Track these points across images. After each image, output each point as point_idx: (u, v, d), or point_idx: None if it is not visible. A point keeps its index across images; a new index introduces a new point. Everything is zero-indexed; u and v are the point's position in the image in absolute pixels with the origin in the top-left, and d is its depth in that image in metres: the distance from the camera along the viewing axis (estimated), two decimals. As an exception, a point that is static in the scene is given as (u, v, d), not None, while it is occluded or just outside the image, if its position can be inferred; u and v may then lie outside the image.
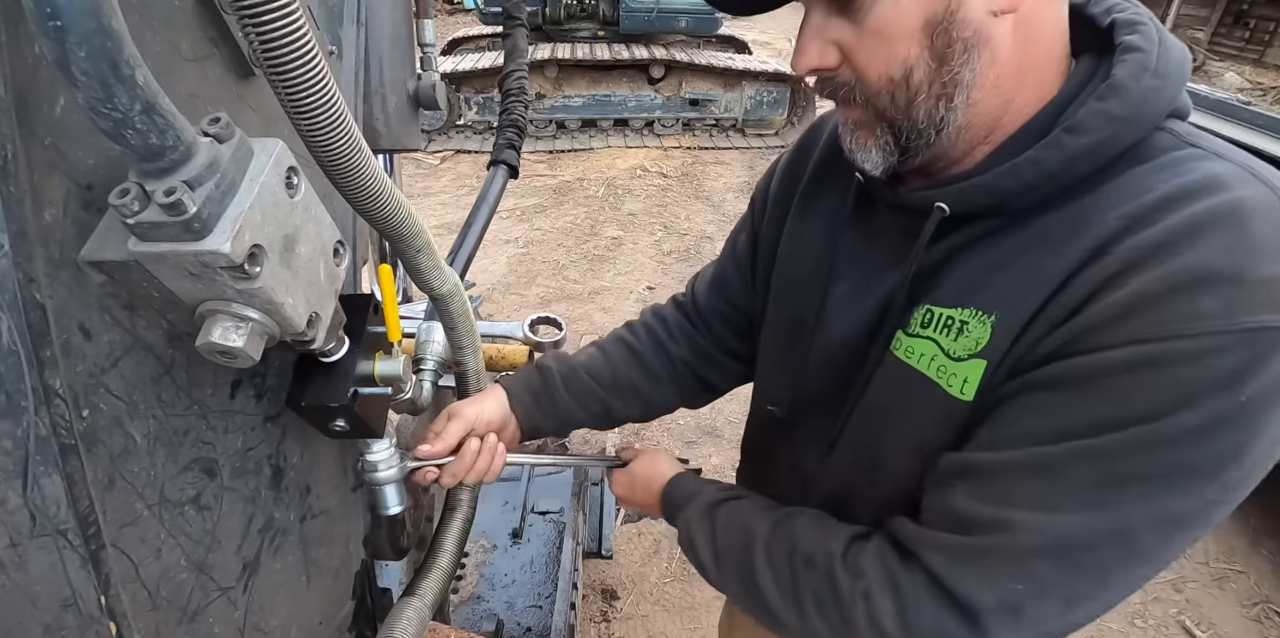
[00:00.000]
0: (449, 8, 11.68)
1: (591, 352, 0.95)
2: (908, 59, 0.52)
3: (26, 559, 0.36)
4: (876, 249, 0.68)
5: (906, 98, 0.54)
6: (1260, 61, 10.11)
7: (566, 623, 1.55)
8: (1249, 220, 0.46)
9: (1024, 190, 0.54)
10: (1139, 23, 0.54)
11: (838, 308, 0.71)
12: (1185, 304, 0.46)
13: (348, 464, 0.76)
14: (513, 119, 1.20)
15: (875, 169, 0.60)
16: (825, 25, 0.55)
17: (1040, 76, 0.55)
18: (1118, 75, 0.52)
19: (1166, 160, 0.52)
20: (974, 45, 0.51)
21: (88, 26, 0.29)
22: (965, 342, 0.57)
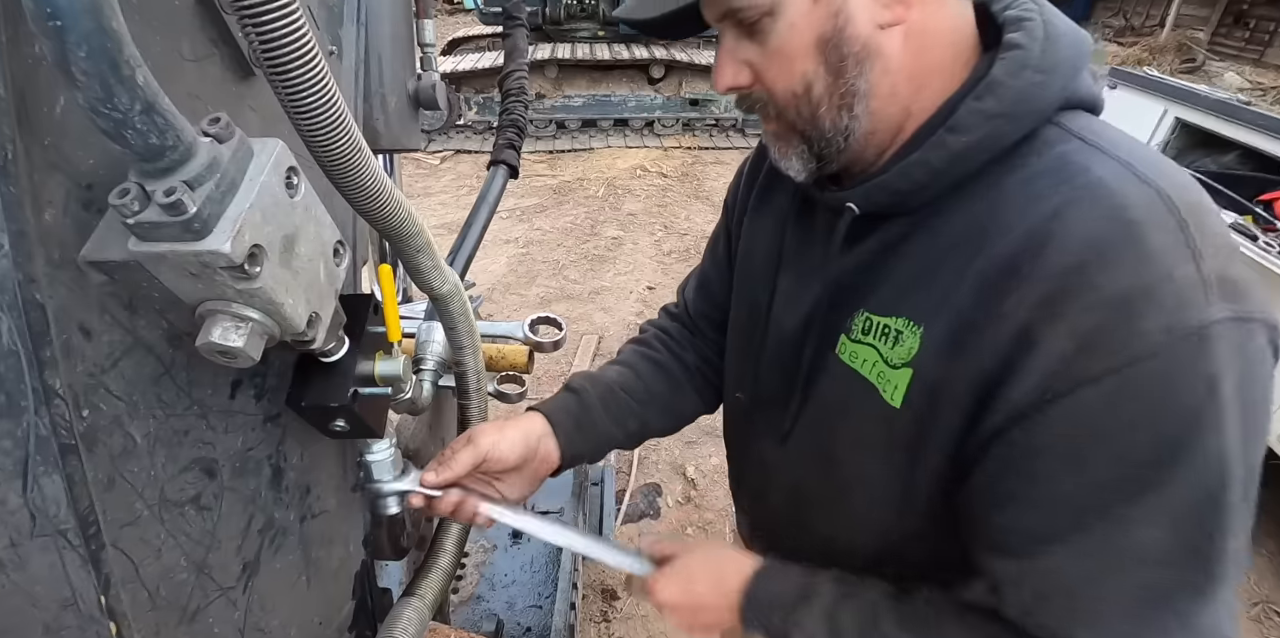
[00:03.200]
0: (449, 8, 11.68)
1: (619, 369, 0.93)
2: (806, 74, 0.56)
3: (26, 559, 0.36)
4: (811, 248, 0.71)
5: (810, 110, 0.58)
6: (1260, 61, 10.11)
7: (566, 623, 1.55)
8: (1143, 231, 0.48)
9: (917, 189, 0.57)
10: (1025, 18, 0.56)
11: (783, 303, 0.74)
12: (1124, 330, 0.47)
13: (348, 464, 0.76)
14: (513, 119, 1.19)
15: (799, 176, 0.64)
16: (737, 47, 0.59)
17: (939, 79, 0.57)
18: (995, 73, 0.54)
19: (1053, 157, 0.53)
20: (864, 58, 0.55)
21: (88, 26, 0.29)
22: (900, 350, 0.60)
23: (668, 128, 6.72)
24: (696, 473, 2.75)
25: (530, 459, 0.81)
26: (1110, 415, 0.48)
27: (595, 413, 0.86)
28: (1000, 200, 0.54)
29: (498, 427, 0.80)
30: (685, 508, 2.59)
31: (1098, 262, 0.48)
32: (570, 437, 0.84)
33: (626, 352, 0.97)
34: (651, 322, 1.02)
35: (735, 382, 0.86)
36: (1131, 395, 0.47)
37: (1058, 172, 0.52)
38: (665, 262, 4.50)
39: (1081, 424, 0.49)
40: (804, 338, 0.70)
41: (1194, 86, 3.45)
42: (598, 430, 0.86)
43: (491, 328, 1.06)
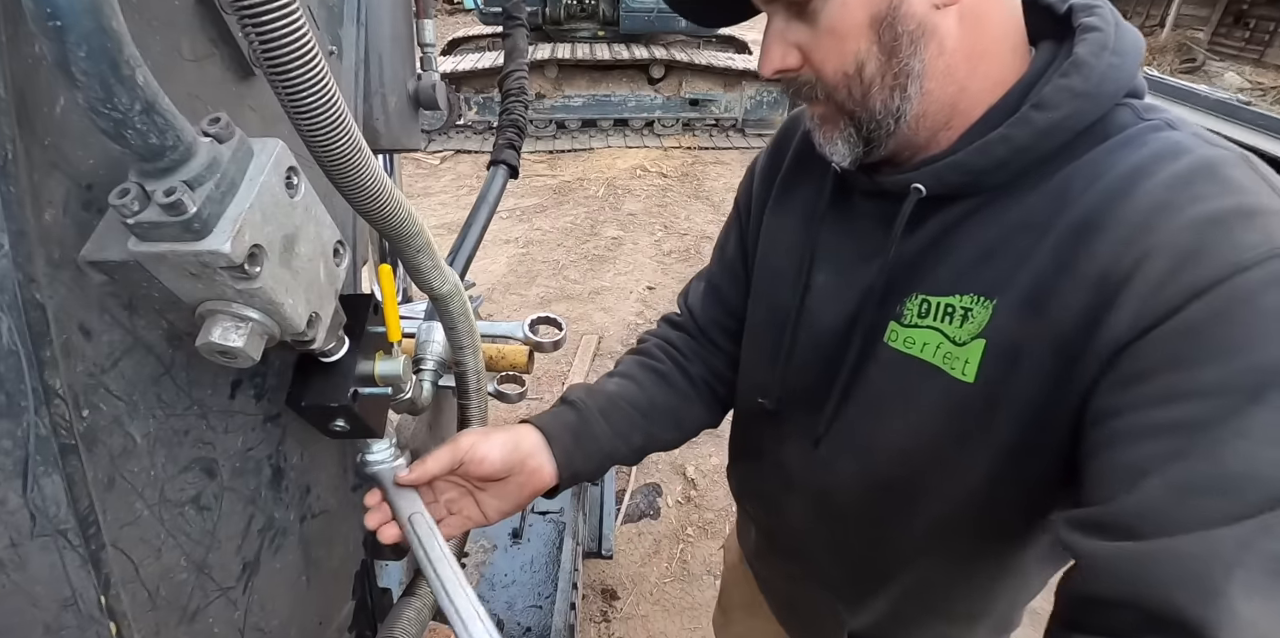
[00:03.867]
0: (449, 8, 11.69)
1: (619, 381, 0.87)
2: (858, 54, 0.56)
3: (26, 559, 0.36)
4: (855, 239, 0.69)
5: (861, 90, 0.57)
6: (1260, 61, 10.11)
7: (566, 623, 1.55)
8: (1224, 169, 0.48)
9: (996, 167, 0.56)
10: (1095, 6, 0.57)
11: (821, 300, 0.72)
12: (1224, 244, 0.45)
13: (348, 464, 0.76)
14: (513, 119, 1.19)
15: (844, 160, 0.63)
16: (786, 29, 0.59)
17: (994, 63, 0.57)
18: (1080, 53, 0.54)
19: (1128, 135, 0.54)
20: (919, 37, 0.54)
21: (88, 26, 0.29)
22: (970, 327, 0.58)
23: (668, 128, 6.72)
24: (696, 473, 2.75)
25: (516, 471, 0.74)
26: (1223, 326, 0.44)
27: (596, 426, 0.80)
28: (1076, 174, 0.54)
29: (483, 431, 0.75)
30: (685, 508, 2.59)
31: (1185, 194, 0.47)
32: (569, 452, 0.77)
33: (626, 362, 0.91)
34: (651, 332, 0.96)
35: (757, 388, 0.82)
36: (1244, 303, 0.43)
37: (1134, 142, 0.53)
38: (665, 262, 4.50)
39: (1192, 340, 0.45)
40: (849, 333, 0.68)
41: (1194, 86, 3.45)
42: (599, 445, 0.80)
43: (491, 328, 1.06)
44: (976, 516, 0.66)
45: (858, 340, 0.67)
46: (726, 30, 7.16)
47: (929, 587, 0.76)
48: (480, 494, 0.75)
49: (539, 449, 0.76)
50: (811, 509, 0.80)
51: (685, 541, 2.45)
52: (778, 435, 0.82)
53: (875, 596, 0.80)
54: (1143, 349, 0.47)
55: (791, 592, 0.96)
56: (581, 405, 0.82)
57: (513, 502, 0.76)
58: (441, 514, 0.74)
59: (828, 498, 0.76)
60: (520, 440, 0.75)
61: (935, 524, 0.69)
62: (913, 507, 0.69)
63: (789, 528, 0.87)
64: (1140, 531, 0.45)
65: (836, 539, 0.80)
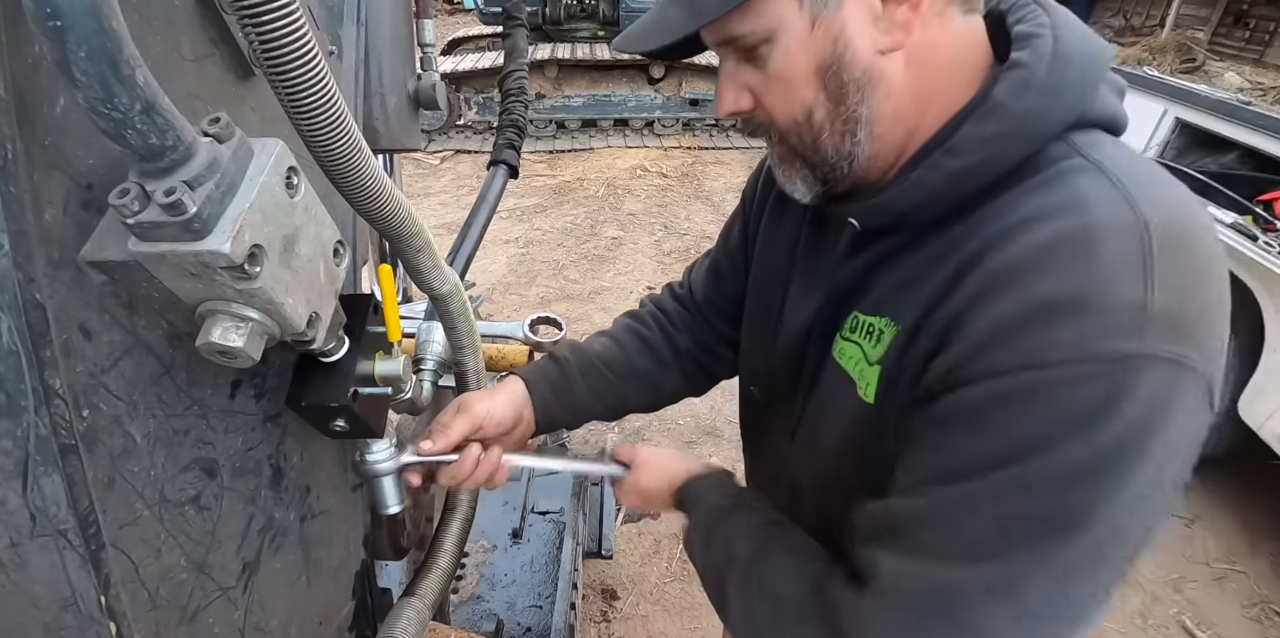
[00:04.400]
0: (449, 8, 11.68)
1: (605, 341, 0.95)
2: (806, 101, 0.56)
3: (26, 559, 0.36)
4: (821, 256, 0.72)
5: (812, 136, 0.58)
6: (1260, 61, 10.11)
7: (566, 623, 1.55)
8: (1099, 244, 0.46)
9: (915, 208, 0.57)
10: (1034, 35, 0.54)
11: (792, 307, 0.76)
12: (1040, 334, 0.46)
13: (348, 464, 0.76)
14: (513, 119, 1.20)
15: (804, 198, 0.65)
16: (737, 72, 0.59)
17: (945, 99, 0.56)
18: (996, 95, 0.52)
19: (1046, 176, 0.51)
20: (865, 84, 0.54)
21: (88, 26, 0.29)
22: (879, 349, 0.61)
23: (668, 128, 6.72)
24: (696, 473, 2.74)
25: (519, 423, 0.84)
26: (997, 414, 0.48)
27: (574, 383, 0.89)
28: (990, 212, 0.53)
29: (487, 393, 0.83)
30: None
31: (1040, 266, 0.47)
32: (546, 402, 0.87)
33: (618, 325, 0.98)
34: (652, 297, 1.02)
35: (750, 376, 0.88)
36: (1023, 401, 0.46)
37: (1046, 186, 0.51)
38: (665, 262, 4.50)
39: (974, 413, 0.49)
40: (807, 341, 0.72)
41: (1194, 86, 3.45)
42: (574, 399, 0.89)
43: (491, 328, 1.06)
44: None
45: (814, 350, 0.71)
46: (726, 30, 7.15)
47: None
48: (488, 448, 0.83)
49: (526, 399, 0.86)
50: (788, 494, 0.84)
51: (685, 541, 2.45)
52: (768, 424, 0.86)
53: None
54: (941, 405, 0.52)
55: None
56: (564, 362, 0.90)
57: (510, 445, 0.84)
58: None
59: (798, 488, 0.80)
60: (514, 395, 0.85)
61: None
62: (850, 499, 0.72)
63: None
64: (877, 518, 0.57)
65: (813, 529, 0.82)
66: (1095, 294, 0.45)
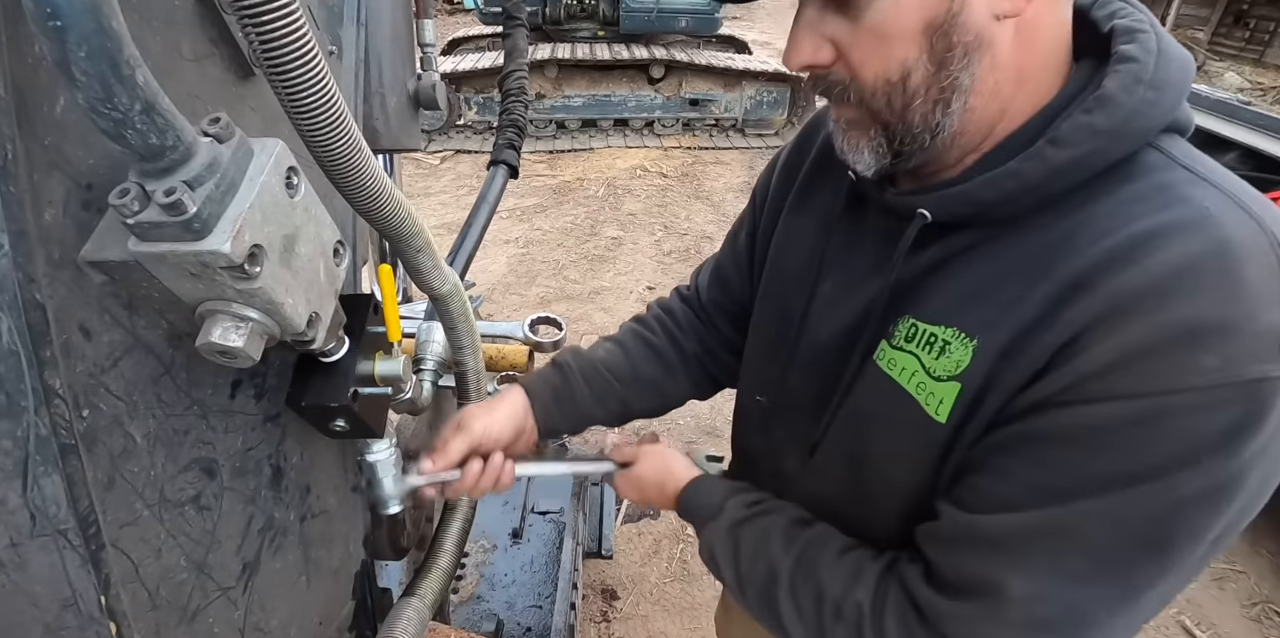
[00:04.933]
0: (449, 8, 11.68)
1: (609, 347, 0.93)
2: (906, 61, 0.51)
3: (26, 559, 0.36)
4: (863, 251, 0.67)
5: (903, 101, 0.53)
6: (1260, 61, 10.11)
7: (566, 623, 1.55)
8: (1240, 265, 0.45)
9: (1003, 201, 0.53)
10: (1138, 30, 0.52)
11: (823, 308, 0.71)
12: (1181, 358, 0.44)
13: (348, 464, 0.76)
14: (513, 119, 1.20)
15: (867, 170, 0.60)
16: (820, 21, 0.53)
17: (1038, 83, 0.53)
18: (1108, 87, 0.50)
19: (1153, 184, 0.50)
20: (974, 49, 0.50)
21: (88, 26, 0.29)
22: (945, 363, 0.56)
23: (668, 128, 6.71)
24: (696, 473, 2.74)
25: (520, 434, 0.83)
26: (1129, 434, 0.46)
27: (577, 389, 0.87)
28: (1088, 221, 0.50)
29: (485, 408, 0.82)
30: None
31: (1183, 289, 0.45)
32: (547, 409, 0.85)
33: (624, 330, 0.96)
34: (659, 301, 1.00)
35: (757, 385, 0.83)
36: (1159, 424, 0.45)
37: (1157, 198, 0.49)
38: (665, 262, 4.50)
39: (1098, 433, 0.47)
40: (849, 345, 0.67)
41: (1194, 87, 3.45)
42: (576, 406, 0.87)
43: (491, 328, 1.06)
44: None
45: (857, 353, 0.66)
46: (726, 30, 7.16)
47: None
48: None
49: (527, 409, 0.85)
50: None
51: (685, 540, 2.44)
52: (775, 437, 0.82)
53: None
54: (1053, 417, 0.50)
55: None
56: (567, 368, 0.88)
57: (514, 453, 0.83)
58: None
59: (821, 505, 0.75)
60: (514, 407, 0.84)
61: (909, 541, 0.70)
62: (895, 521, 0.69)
63: None
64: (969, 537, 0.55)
65: None
66: (1240, 318, 0.44)
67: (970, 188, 0.54)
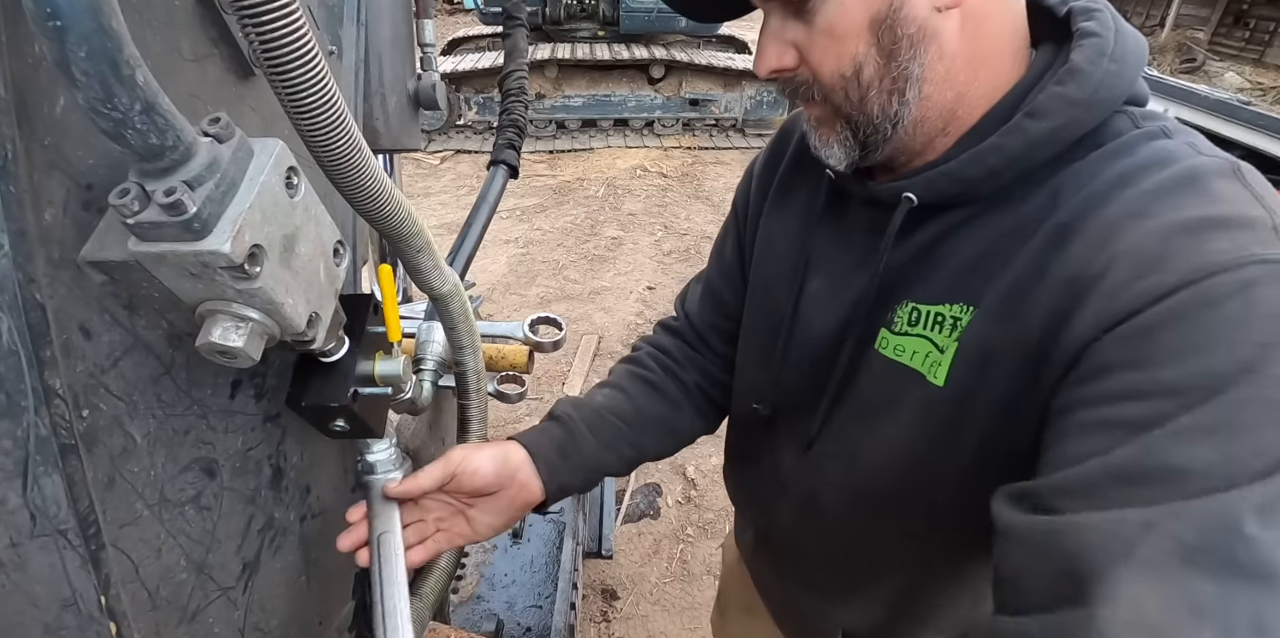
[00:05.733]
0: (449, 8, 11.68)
1: (607, 392, 0.87)
2: (856, 56, 0.54)
3: (26, 559, 0.36)
4: (849, 246, 0.68)
5: (859, 93, 0.56)
6: (1260, 61, 10.11)
7: (566, 623, 1.55)
8: (1207, 180, 0.48)
9: (988, 176, 0.55)
10: (1094, 9, 0.56)
11: (813, 305, 0.71)
12: (1193, 249, 0.44)
13: (348, 464, 0.76)
14: (513, 119, 1.19)
15: (839, 164, 0.62)
16: (782, 28, 0.57)
17: (994, 68, 0.56)
18: (1075, 60, 0.53)
19: (1121, 143, 0.53)
20: (919, 41, 0.53)
21: (88, 26, 0.29)
22: (957, 335, 0.58)
23: (668, 128, 6.72)
24: (696, 473, 2.75)
25: (507, 484, 0.75)
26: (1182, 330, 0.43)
27: (582, 440, 0.81)
28: (1065, 182, 0.53)
29: (473, 445, 0.76)
30: (685, 508, 2.59)
31: (1163, 203, 0.47)
32: (553, 465, 0.78)
33: (617, 372, 0.91)
34: (646, 338, 0.95)
35: (752, 392, 0.82)
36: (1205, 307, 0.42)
37: (1124, 150, 0.52)
38: (665, 262, 4.50)
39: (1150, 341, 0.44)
40: (841, 338, 0.68)
41: (1194, 86, 3.45)
42: (584, 457, 0.80)
43: (491, 328, 1.06)
44: (948, 521, 0.66)
45: (849, 346, 0.67)
46: (726, 30, 7.16)
47: (913, 592, 0.76)
48: (471, 511, 0.75)
49: (525, 464, 0.77)
50: (800, 512, 0.80)
51: (685, 541, 2.45)
52: (773, 440, 0.82)
53: (862, 599, 0.81)
54: (1102, 348, 0.47)
55: (785, 593, 0.96)
56: (568, 420, 0.82)
57: (504, 517, 0.76)
58: (429, 532, 0.74)
59: (815, 501, 0.76)
60: (509, 455, 0.76)
61: (913, 531, 0.70)
62: (892, 513, 0.69)
63: (781, 531, 0.87)
64: (1060, 507, 0.44)
65: (822, 543, 0.81)
66: (1228, 214, 0.45)
67: (954, 166, 0.56)
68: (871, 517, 0.72)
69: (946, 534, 0.68)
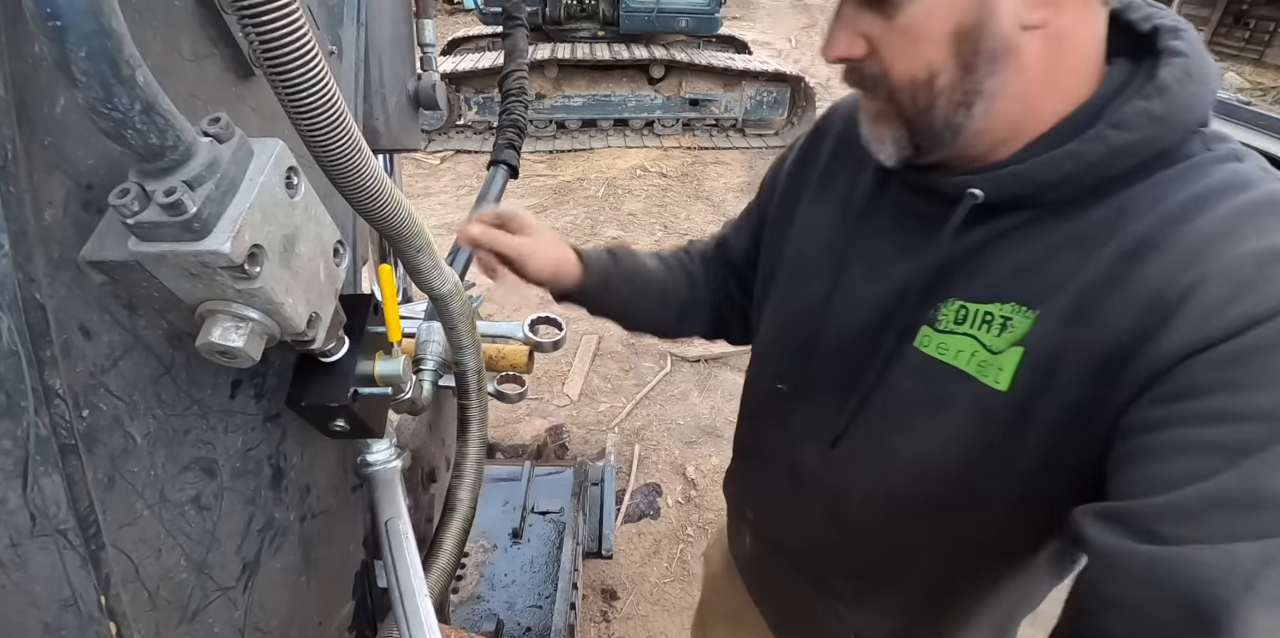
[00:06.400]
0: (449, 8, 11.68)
1: (656, 263, 0.96)
2: (932, 62, 0.54)
3: (26, 559, 0.36)
4: (894, 234, 0.67)
5: (927, 100, 0.55)
6: (1260, 61, 10.11)
7: (566, 623, 1.55)
8: None
9: (1060, 182, 0.54)
10: (1182, 30, 0.56)
11: (850, 293, 0.70)
12: None
13: (348, 464, 0.76)
14: (513, 119, 1.20)
15: (889, 161, 0.62)
16: (857, 18, 0.56)
17: (1069, 85, 0.56)
18: (1164, 77, 0.53)
19: (1194, 163, 0.53)
20: (999, 57, 0.52)
21: (88, 26, 0.29)
22: (1008, 335, 0.57)
23: (668, 128, 6.71)
24: (696, 473, 2.75)
25: (553, 253, 0.87)
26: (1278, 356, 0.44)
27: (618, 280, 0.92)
28: (1137, 196, 0.53)
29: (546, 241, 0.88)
30: (685, 508, 2.59)
31: (1248, 226, 0.47)
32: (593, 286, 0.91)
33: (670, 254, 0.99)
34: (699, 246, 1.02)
35: (774, 373, 0.81)
36: None
37: (1197, 171, 0.52)
38: (665, 262, 4.50)
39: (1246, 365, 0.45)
40: (880, 332, 0.66)
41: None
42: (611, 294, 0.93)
43: (491, 328, 1.06)
44: (995, 528, 0.65)
45: (889, 340, 0.65)
46: (726, 30, 7.16)
47: (937, 594, 0.75)
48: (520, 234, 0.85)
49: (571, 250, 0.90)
50: (821, 513, 0.78)
51: (685, 541, 2.45)
52: (792, 431, 0.80)
53: (882, 604, 0.79)
54: (1193, 368, 0.47)
55: (792, 601, 0.94)
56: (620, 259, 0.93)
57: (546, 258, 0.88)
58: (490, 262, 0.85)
59: (841, 502, 0.74)
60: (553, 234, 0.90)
61: (949, 534, 0.68)
62: (928, 515, 0.68)
63: (795, 533, 0.85)
64: (1164, 535, 0.44)
65: (846, 546, 0.78)
66: None
67: (1027, 168, 0.55)
68: (908, 519, 0.70)
69: (991, 543, 0.66)
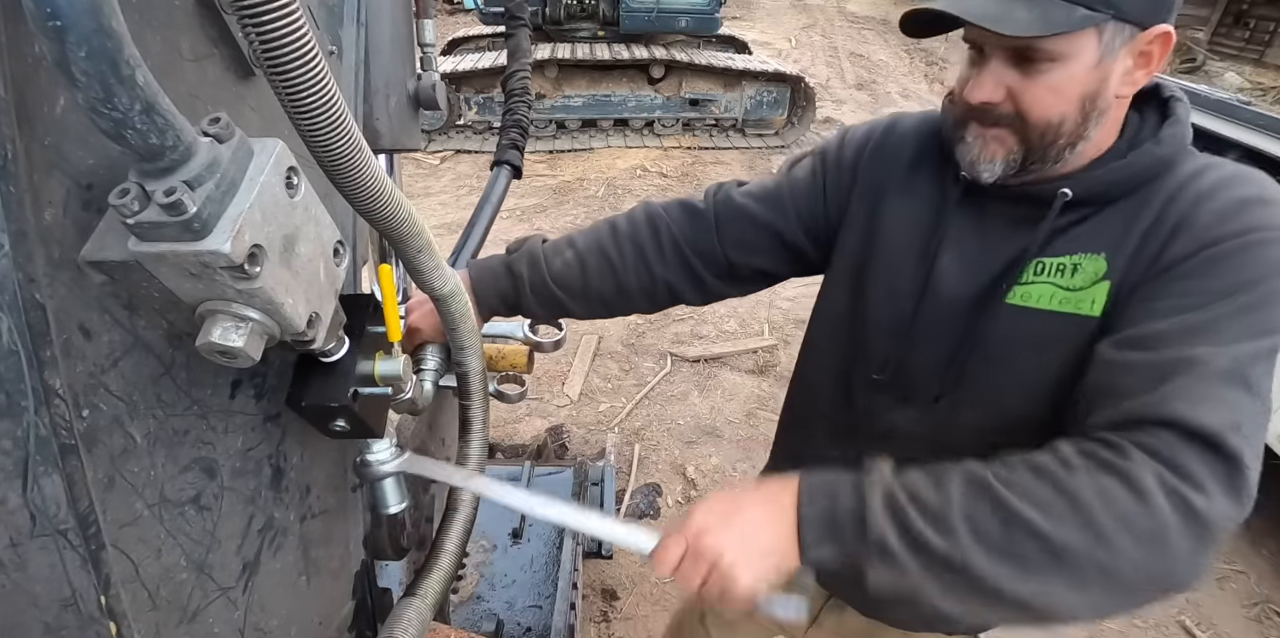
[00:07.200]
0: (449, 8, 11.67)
1: (568, 260, 0.97)
2: (1064, 113, 0.75)
3: (26, 559, 0.36)
4: (984, 233, 0.85)
5: (1053, 137, 0.76)
6: (1260, 61, 10.10)
7: (566, 623, 1.55)
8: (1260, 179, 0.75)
9: (1125, 179, 0.77)
10: (1180, 99, 0.81)
11: (949, 276, 0.86)
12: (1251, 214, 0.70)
13: (348, 464, 0.76)
14: (516, 119, 1.19)
15: (991, 177, 0.80)
16: (1002, 70, 0.75)
17: (1114, 128, 0.80)
18: (1178, 115, 0.80)
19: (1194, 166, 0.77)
20: (1102, 113, 0.76)
21: (88, 26, 0.29)
22: (1081, 277, 0.78)
23: (668, 128, 6.71)
24: (696, 473, 2.75)
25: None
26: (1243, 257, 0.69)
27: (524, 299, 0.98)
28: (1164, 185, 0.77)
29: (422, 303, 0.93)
30: (685, 508, 2.59)
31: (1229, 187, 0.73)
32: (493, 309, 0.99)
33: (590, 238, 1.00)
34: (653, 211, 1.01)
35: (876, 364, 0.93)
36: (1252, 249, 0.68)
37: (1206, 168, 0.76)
38: (665, 262, 4.49)
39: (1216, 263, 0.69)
40: (978, 301, 0.83)
41: (1194, 86, 3.45)
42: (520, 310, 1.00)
43: (491, 328, 1.06)
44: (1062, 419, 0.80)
45: (982, 305, 0.83)
46: (726, 30, 7.16)
47: None
48: None
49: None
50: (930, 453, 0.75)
51: (685, 541, 2.44)
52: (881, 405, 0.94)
53: None
54: (1184, 266, 0.72)
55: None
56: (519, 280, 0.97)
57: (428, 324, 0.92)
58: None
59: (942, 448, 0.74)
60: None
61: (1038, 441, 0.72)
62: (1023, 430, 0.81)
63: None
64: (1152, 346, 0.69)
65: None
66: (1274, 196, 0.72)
67: (1103, 172, 0.78)
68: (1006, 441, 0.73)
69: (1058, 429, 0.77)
